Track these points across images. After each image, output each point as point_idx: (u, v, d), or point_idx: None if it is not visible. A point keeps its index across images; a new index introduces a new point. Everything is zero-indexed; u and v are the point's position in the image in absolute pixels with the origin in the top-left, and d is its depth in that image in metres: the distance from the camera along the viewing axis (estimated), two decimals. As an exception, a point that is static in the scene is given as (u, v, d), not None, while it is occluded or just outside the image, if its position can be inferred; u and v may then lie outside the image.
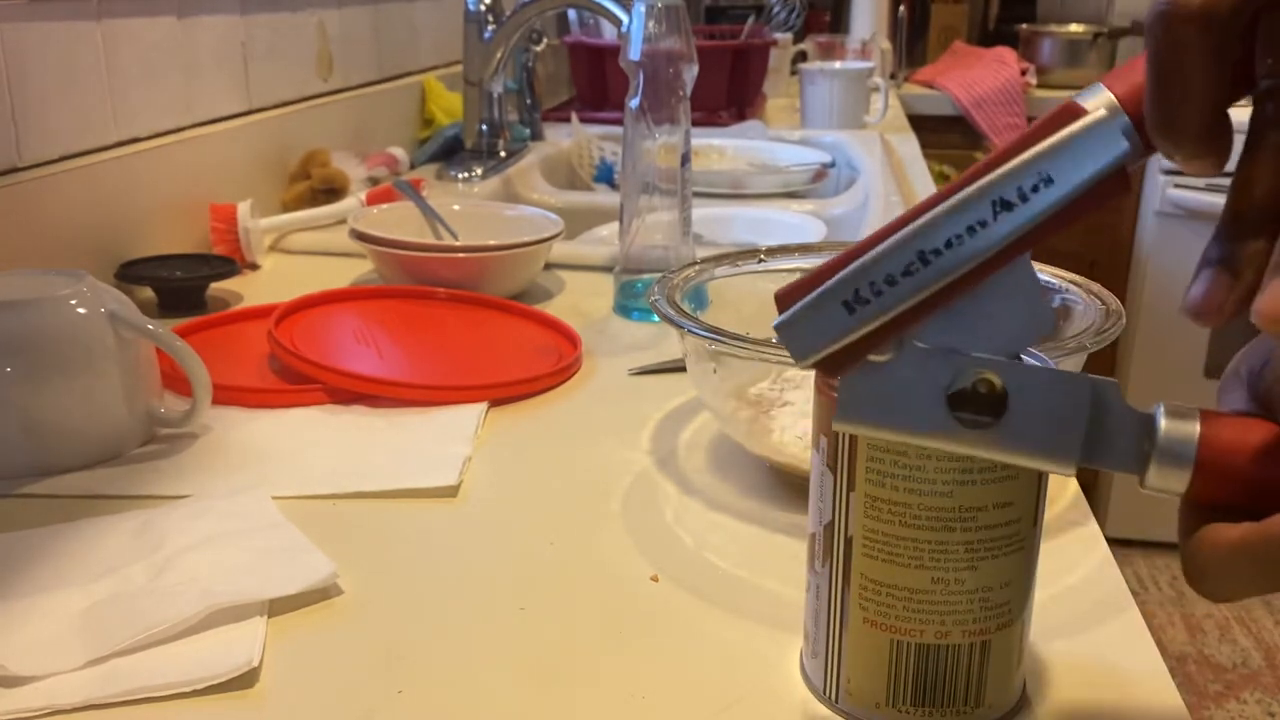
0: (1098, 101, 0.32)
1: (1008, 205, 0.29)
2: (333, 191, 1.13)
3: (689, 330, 0.54)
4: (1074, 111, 0.29)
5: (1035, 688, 0.42)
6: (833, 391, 0.37)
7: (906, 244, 0.30)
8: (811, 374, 0.39)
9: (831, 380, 0.32)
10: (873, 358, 0.32)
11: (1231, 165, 0.31)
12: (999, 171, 0.30)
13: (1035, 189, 0.29)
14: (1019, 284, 0.31)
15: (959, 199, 0.30)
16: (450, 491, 0.57)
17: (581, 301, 0.89)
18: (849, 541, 0.38)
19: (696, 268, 0.63)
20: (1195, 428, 0.32)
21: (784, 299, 0.31)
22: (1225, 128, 0.31)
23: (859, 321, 0.30)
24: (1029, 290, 0.31)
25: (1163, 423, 0.32)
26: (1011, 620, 0.38)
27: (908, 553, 0.37)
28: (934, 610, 0.37)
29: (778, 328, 0.31)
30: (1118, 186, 0.29)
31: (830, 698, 0.40)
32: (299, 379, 0.69)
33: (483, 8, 1.28)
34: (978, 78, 2.42)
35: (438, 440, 0.62)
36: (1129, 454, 0.32)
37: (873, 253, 0.30)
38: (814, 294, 0.31)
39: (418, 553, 0.52)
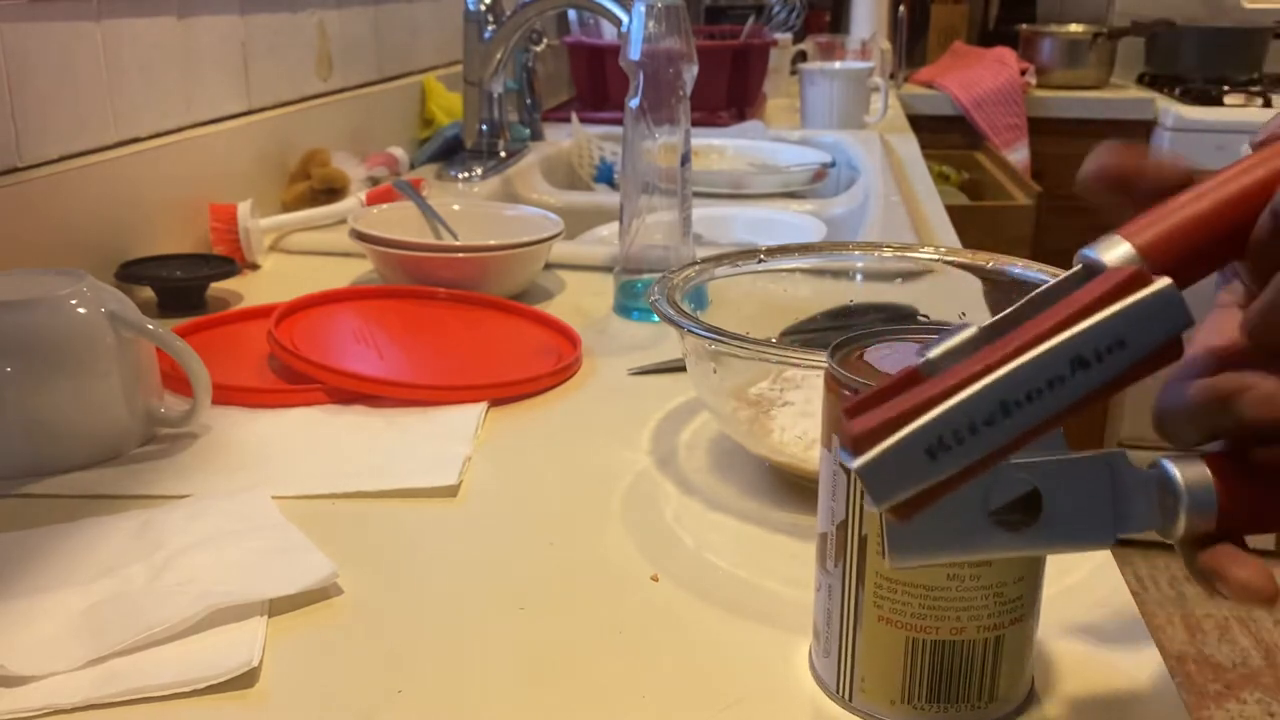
0: (1120, 255, 0.33)
1: (1084, 364, 0.31)
2: (333, 191, 1.13)
3: (689, 330, 0.54)
4: (1144, 279, 0.31)
5: (1042, 693, 0.42)
6: (844, 390, 0.38)
7: (991, 393, 0.31)
8: (812, 374, 0.39)
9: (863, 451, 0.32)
10: None
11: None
12: (1079, 329, 0.31)
13: (1110, 350, 0.31)
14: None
15: (1042, 352, 0.31)
16: (450, 491, 0.57)
17: (581, 301, 0.89)
18: (863, 540, 0.38)
19: (696, 268, 0.63)
20: (1206, 471, 0.33)
21: (859, 440, 0.31)
22: None
23: (940, 468, 0.31)
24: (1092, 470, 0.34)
25: (1177, 475, 0.33)
26: (1024, 615, 0.39)
27: None
28: (949, 607, 0.38)
29: (860, 470, 0.31)
30: (1175, 353, 0.31)
31: (844, 696, 0.41)
32: (299, 379, 0.69)
33: (483, 8, 1.28)
34: (977, 78, 2.42)
35: (438, 440, 0.62)
36: (1153, 515, 0.34)
37: (958, 399, 0.31)
38: (898, 438, 0.31)
39: (418, 553, 0.52)
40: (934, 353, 0.33)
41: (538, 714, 0.40)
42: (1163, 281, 0.31)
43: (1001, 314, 0.34)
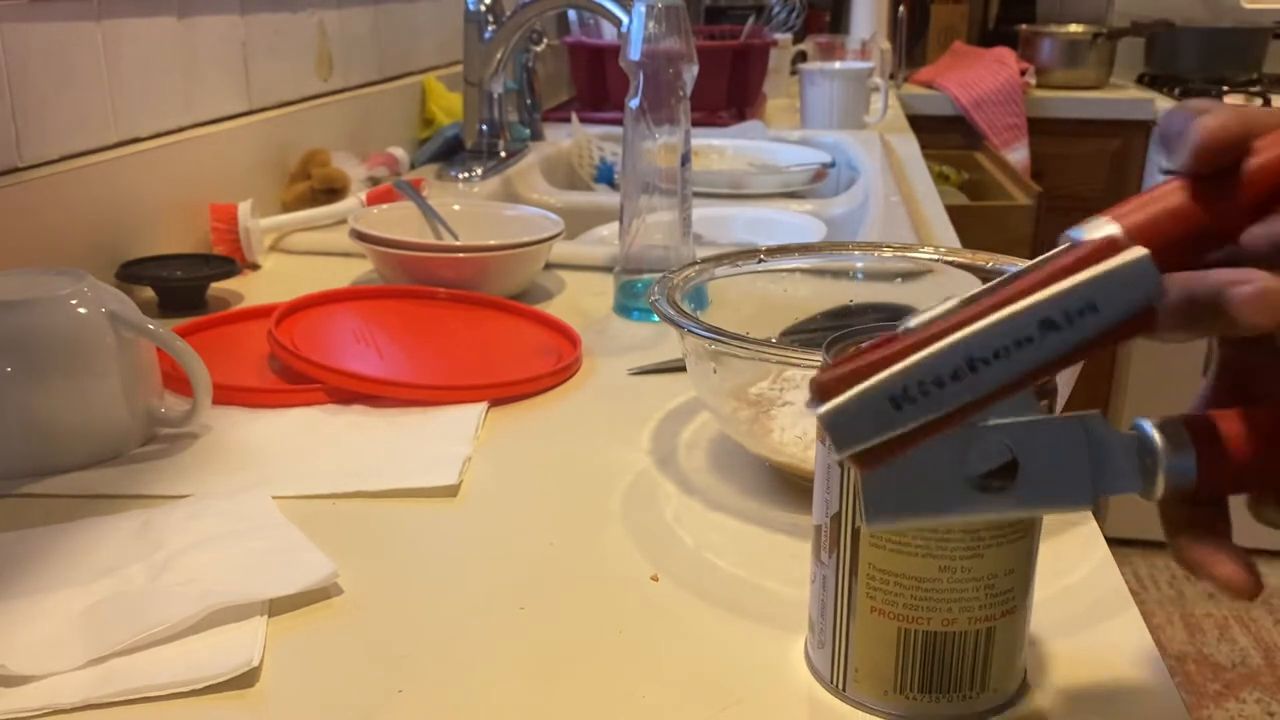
0: (1103, 234, 0.34)
1: (1054, 326, 0.31)
2: (333, 191, 1.13)
3: (689, 330, 0.54)
4: (1118, 245, 0.31)
5: (1035, 687, 0.42)
6: (843, 388, 0.38)
7: (957, 349, 0.31)
8: (812, 373, 0.39)
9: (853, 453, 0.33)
10: None
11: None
12: (1049, 292, 0.31)
13: (1081, 313, 0.31)
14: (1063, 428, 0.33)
15: (1010, 313, 0.31)
16: (450, 491, 0.57)
17: (581, 301, 0.89)
18: (856, 532, 0.39)
19: (696, 268, 0.63)
20: (1185, 432, 0.34)
21: (825, 387, 0.32)
22: None
23: (905, 419, 0.31)
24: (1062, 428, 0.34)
25: (1155, 435, 0.34)
26: (1015, 607, 0.39)
27: (915, 542, 0.38)
28: (941, 598, 0.38)
29: (822, 416, 0.32)
30: (1147, 321, 0.32)
31: (837, 686, 0.41)
32: (299, 379, 0.69)
33: (483, 8, 1.28)
34: (977, 78, 2.42)
35: (438, 440, 0.62)
36: (1132, 476, 0.34)
37: (925, 353, 0.31)
38: (863, 386, 0.31)
39: (418, 553, 0.52)
40: (914, 322, 0.33)
41: (538, 714, 0.40)
42: (1137, 250, 0.31)
43: (981, 288, 0.34)
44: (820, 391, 0.32)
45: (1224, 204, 0.34)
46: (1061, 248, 0.34)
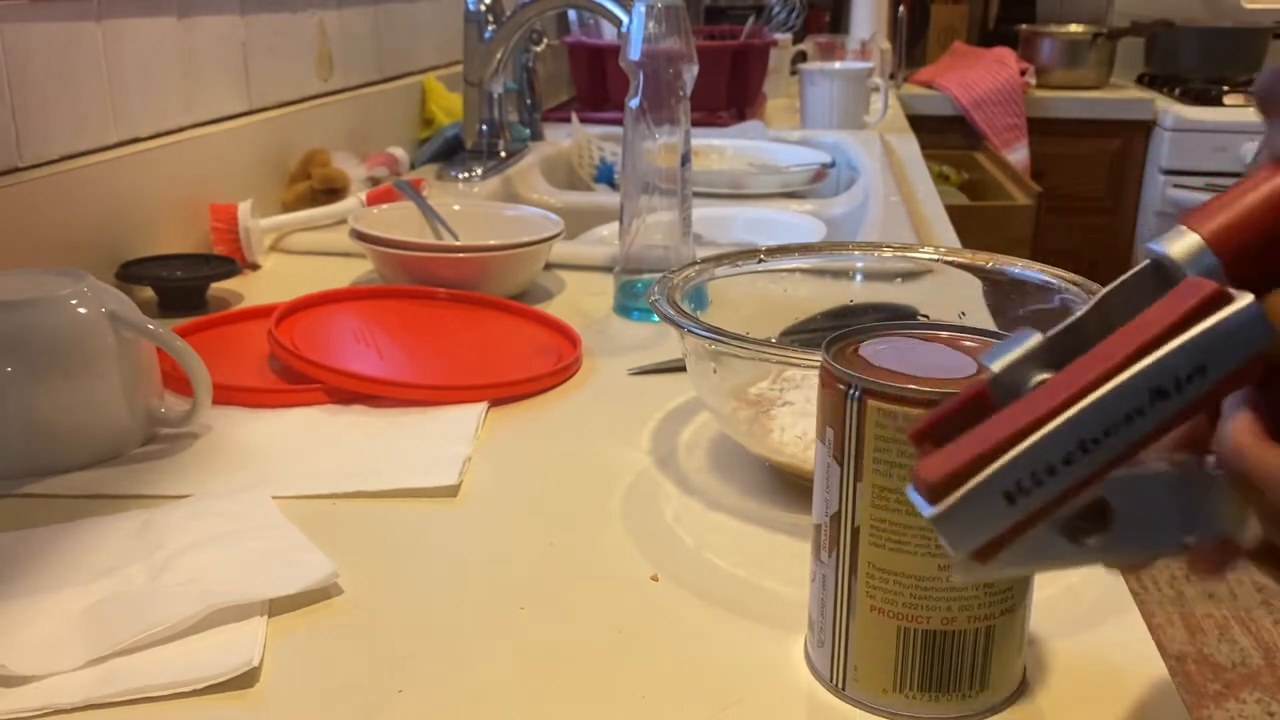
0: (1187, 247, 0.31)
1: (1164, 394, 0.29)
2: (333, 191, 1.13)
3: (689, 330, 0.54)
4: (1225, 298, 0.29)
5: (1036, 687, 0.42)
6: (839, 384, 0.38)
7: (1068, 432, 0.29)
8: (812, 374, 0.39)
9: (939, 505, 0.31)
10: None
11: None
12: (1158, 358, 0.29)
13: (1190, 379, 0.29)
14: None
15: (1119, 386, 0.29)
16: (450, 491, 0.57)
17: (581, 301, 0.89)
18: (856, 531, 0.39)
19: (696, 268, 0.63)
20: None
21: (935, 488, 0.30)
22: None
23: (1018, 510, 0.30)
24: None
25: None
26: (1014, 605, 0.39)
27: (914, 541, 0.38)
28: (940, 597, 0.38)
29: (937, 520, 0.30)
30: (1252, 372, 0.29)
31: (837, 685, 0.41)
32: (299, 379, 0.69)
33: (483, 8, 1.28)
34: (977, 78, 2.42)
35: (438, 440, 0.62)
36: (1225, 518, 0.32)
37: (1034, 439, 0.29)
38: (974, 484, 0.29)
39: (418, 553, 0.52)
40: (997, 365, 0.31)
41: (538, 714, 0.40)
42: (1244, 299, 0.29)
43: (1066, 322, 0.32)
44: (929, 492, 0.30)
45: None
46: (1144, 264, 0.32)
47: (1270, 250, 0.31)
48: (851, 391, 0.38)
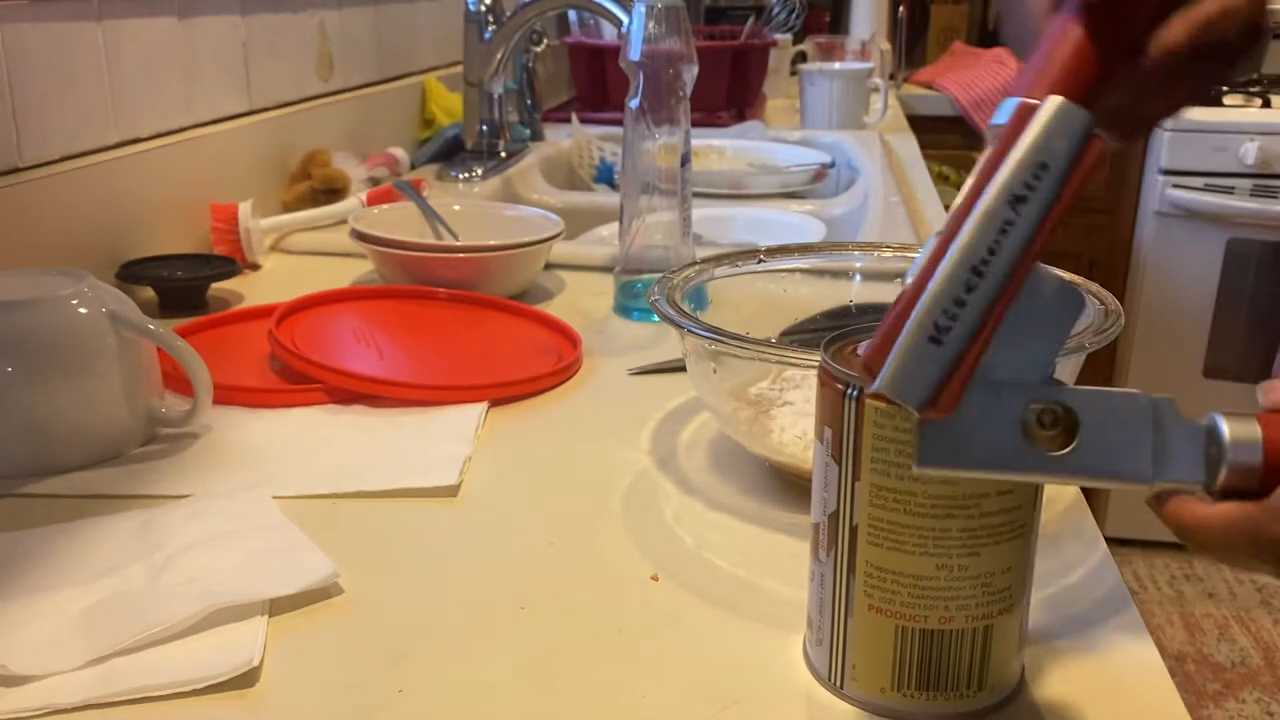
0: (1244, 436, 0.34)
1: (1021, 199, 0.33)
2: (333, 192, 1.13)
3: (689, 330, 0.54)
4: (1031, 107, 0.33)
5: (1035, 687, 0.42)
6: (837, 383, 0.38)
7: (959, 265, 0.32)
8: (812, 374, 0.40)
9: (876, 393, 0.34)
10: None
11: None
12: (1002, 172, 0.33)
13: (1038, 176, 0.33)
14: (1038, 283, 0.34)
15: (983, 209, 0.33)
16: (450, 491, 0.57)
17: (581, 301, 0.89)
18: (854, 530, 0.39)
19: (696, 268, 0.63)
20: (1257, 429, 0.34)
21: (869, 363, 0.33)
22: None
23: (951, 347, 0.33)
24: (1047, 283, 0.34)
25: (1225, 427, 0.34)
26: (1013, 605, 0.39)
27: (912, 540, 0.38)
28: (938, 596, 0.38)
29: (883, 388, 0.33)
30: (1097, 149, 0.33)
31: (835, 684, 0.41)
32: (299, 379, 0.69)
33: (483, 8, 1.28)
34: (977, 78, 2.42)
35: (438, 440, 0.62)
36: (1196, 464, 0.34)
37: (933, 284, 0.32)
38: (900, 343, 0.33)
39: (418, 553, 0.52)
40: (908, 276, 0.34)
41: (538, 714, 0.40)
42: (1051, 101, 0.33)
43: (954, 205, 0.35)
44: (867, 369, 0.33)
45: (1120, 28, 0.36)
46: (990, 143, 0.35)
47: (1093, 84, 0.36)
48: (850, 391, 0.38)
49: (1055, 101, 0.33)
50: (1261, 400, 0.36)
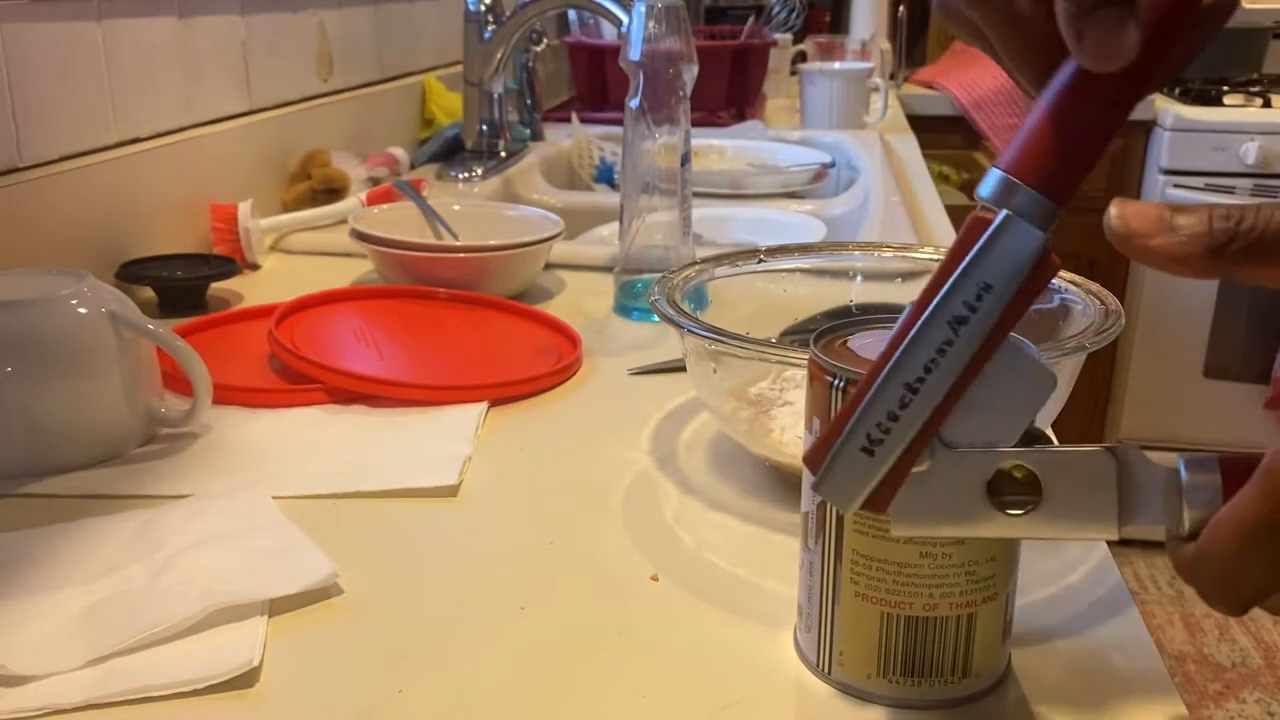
0: (994, 187, 0.33)
1: (962, 320, 0.32)
2: (333, 191, 1.13)
3: (689, 330, 0.54)
4: (984, 221, 0.32)
5: (1034, 686, 0.42)
6: (825, 375, 0.39)
7: (891, 382, 0.33)
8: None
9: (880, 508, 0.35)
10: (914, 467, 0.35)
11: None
12: (942, 293, 0.33)
13: (979, 298, 0.32)
14: (1010, 360, 0.34)
15: (919, 329, 0.33)
16: (450, 491, 0.57)
17: (581, 301, 0.89)
18: (840, 519, 0.40)
19: (696, 268, 0.63)
20: (1217, 476, 0.34)
21: (809, 461, 0.34)
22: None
23: (882, 459, 0.33)
24: (1022, 361, 0.34)
25: (1185, 474, 0.34)
26: (997, 593, 0.40)
27: None
28: (922, 583, 0.39)
29: (815, 488, 0.34)
30: (1048, 268, 0.32)
31: (823, 670, 0.42)
32: (299, 379, 0.69)
33: (483, 8, 1.28)
34: (977, 78, 2.42)
35: (438, 440, 0.62)
36: (1158, 509, 0.34)
37: (867, 398, 0.33)
38: (834, 450, 0.33)
39: (418, 553, 0.52)
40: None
41: (538, 714, 0.40)
42: (1001, 215, 0.32)
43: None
44: (809, 466, 0.34)
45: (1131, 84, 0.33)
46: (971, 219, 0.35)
47: (1071, 165, 0.33)
48: (836, 382, 0.39)
49: (1002, 215, 0.32)
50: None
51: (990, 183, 0.33)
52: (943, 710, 0.40)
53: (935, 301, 0.32)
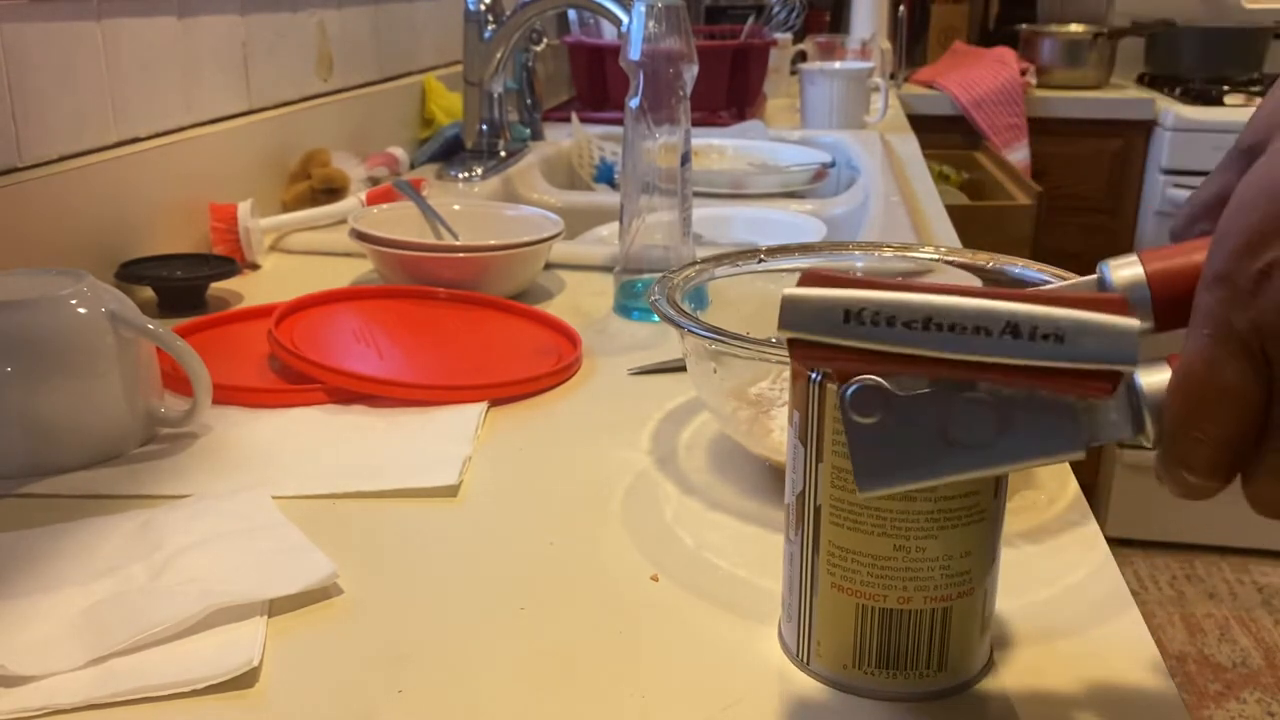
0: (1129, 277, 0.34)
1: (1016, 333, 0.32)
2: (333, 191, 1.13)
3: (689, 330, 0.54)
4: (1120, 306, 0.32)
5: (1034, 686, 0.42)
6: (808, 372, 0.39)
7: (924, 305, 0.32)
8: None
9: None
10: (859, 419, 0.34)
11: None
12: (1029, 305, 0.32)
13: (1045, 337, 0.32)
14: None
15: (984, 303, 0.32)
16: (450, 491, 0.57)
17: (581, 301, 0.89)
18: (818, 510, 0.40)
19: (696, 268, 0.63)
20: (1169, 373, 0.34)
21: (806, 277, 0.34)
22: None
23: (847, 334, 0.33)
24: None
25: (1141, 382, 0.34)
26: (972, 588, 0.40)
27: (871, 521, 0.39)
28: (896, 576, 0.39)
29: (785, 294, 0.34)
30: (1104, 384, 0.32)
31: (803, 660, 0.42)
32: (299, 379, 0.69)
33: (483, 8, 1.28)
34: (978, 78, 2.42)
35: (438, 440, 0.62)
36: (1122, 422, 0.34)
37: (897, 291, 0.33)
38: (829, 291, 0.33)
39: (418, 553, 0.52)
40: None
41: (538, 714, 0.40)
42: (1131, 320, 0.32)
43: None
44: (802, 280, 0.34)
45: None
46: (1091, 276, 0.35)
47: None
48: (814, 376, 0.39)
49: (1132, 323, 0.32)
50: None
51: (1126, 265, 0.35)
52: (948, 709, 0.40)
53: (1017, 303, 0.32)
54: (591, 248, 1.03)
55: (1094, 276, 0.36)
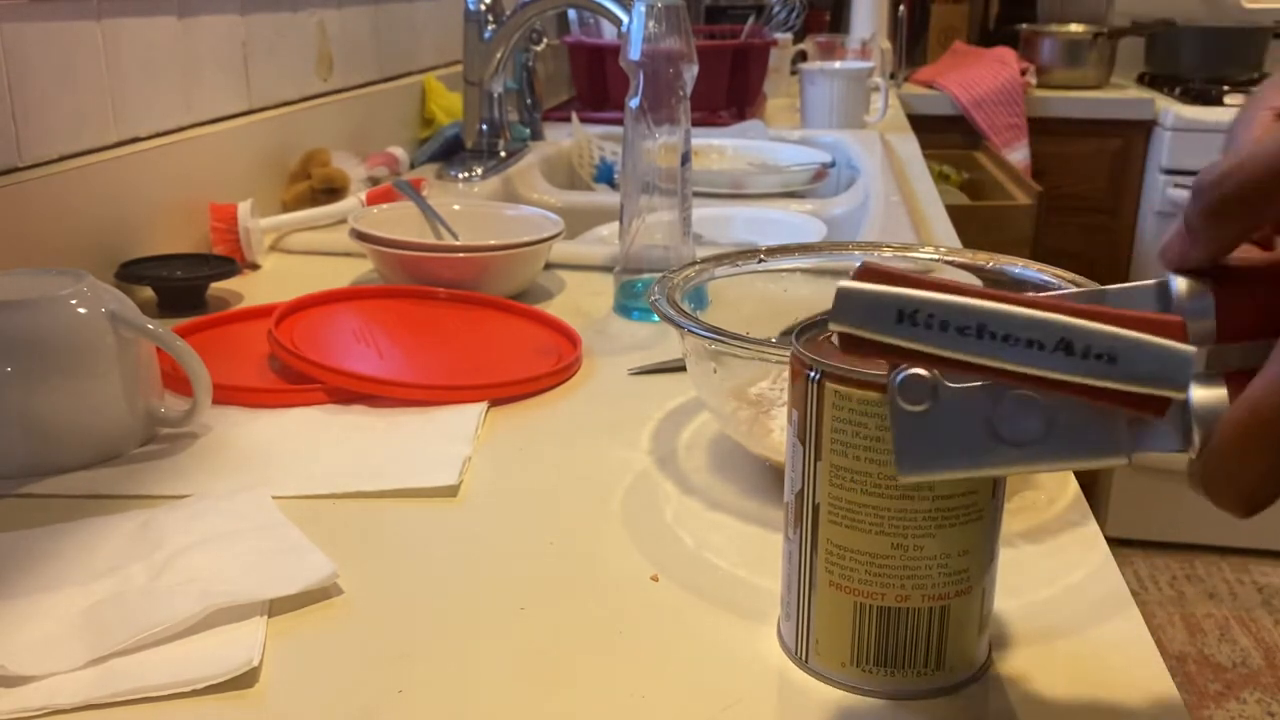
0: (1189, 284, 0.34)
1: (1069, 350, 0.32)
2: (333, 191, 1.13)
3: (689, 330, 0.54)
4: (1178, 330, 0.31)
5: (1034, 686, 0.42)
6: (805, 369, 0.39)
7: (979, 311, 0.32)
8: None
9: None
10: (907, 406, 0.34)
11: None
12: (1085, 321, 0.32)
13: (1099, 356, 0.31)
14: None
15: (1039, 314, 0.32)
16: (450, 491, 0.57)
17: (581, 301, 0.89)
18: (816, 509, 0.40)
19: (696, 268, 0.63)
20: (1224, 390, 0.33)
21: (863, 272, 0.34)
22: None
23: (899, 334, 0.33)
24: None
25: (1193, 395, 0.33)
26: (970, 587, 0.40)
27: (869, 519, 0.39)
28: (894, 575, 0.39)
29: (841, 287, 0.34)
30: (1155, 406, 0.32)
31: (801, 658, 0.42)
32: (299, 379, 0.69)
33: (483, 8, 1.28)
34: (978, 78, 2.42)
35: (438, 440, 0.62)
36: (1171, 434, 0.34)
37: (953, 296, 0.32)
38: (884, 289, 0.33)
39: (418, 553, 0.52)
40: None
41: (538, 714, 0.40)
42: (1188, 347, 0.31)
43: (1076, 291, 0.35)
44: (858, 274, 0.34)
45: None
46: (1153, 282, 0.35)
47: (1262, 323, 0.34)
48: (812, 375, 0.39)
49: (1189, 349, 0.31)
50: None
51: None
52: (946, 707, 0.40)
53: (1073, 318, 0.32)
54: (591, 248, 1.03)
55: (1153, 282, 0.35)
